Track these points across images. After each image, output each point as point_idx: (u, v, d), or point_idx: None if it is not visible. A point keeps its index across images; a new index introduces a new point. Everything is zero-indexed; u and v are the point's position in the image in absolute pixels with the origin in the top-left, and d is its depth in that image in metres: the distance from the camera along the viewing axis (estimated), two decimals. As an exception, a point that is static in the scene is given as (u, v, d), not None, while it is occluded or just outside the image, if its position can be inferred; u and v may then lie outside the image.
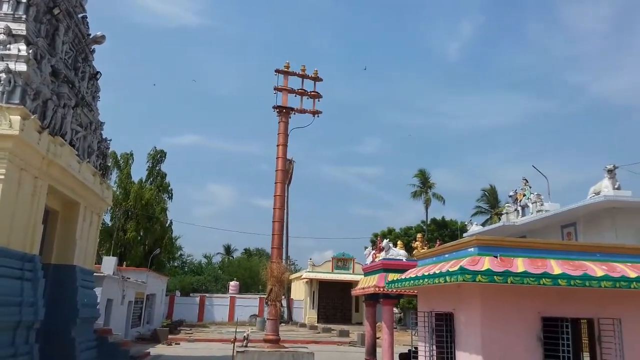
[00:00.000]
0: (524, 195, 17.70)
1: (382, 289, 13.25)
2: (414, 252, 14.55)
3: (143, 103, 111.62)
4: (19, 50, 11.27)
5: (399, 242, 16.04)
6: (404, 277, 9.21)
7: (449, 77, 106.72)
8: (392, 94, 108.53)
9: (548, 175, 19.70)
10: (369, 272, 15.34)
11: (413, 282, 8.55)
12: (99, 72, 16.34)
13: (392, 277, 11.32)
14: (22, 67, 11.05)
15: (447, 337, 8.03)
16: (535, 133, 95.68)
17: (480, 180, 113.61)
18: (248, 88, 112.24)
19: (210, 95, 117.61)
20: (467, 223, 24.23)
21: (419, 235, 16.88)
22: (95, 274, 17.47)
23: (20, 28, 11.75)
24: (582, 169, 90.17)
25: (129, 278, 24.69)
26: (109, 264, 22.59)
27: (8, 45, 11.38)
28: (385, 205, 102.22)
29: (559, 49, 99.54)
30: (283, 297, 27.75)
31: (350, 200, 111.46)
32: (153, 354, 19.70)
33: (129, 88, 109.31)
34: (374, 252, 15.91)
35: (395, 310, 37.51)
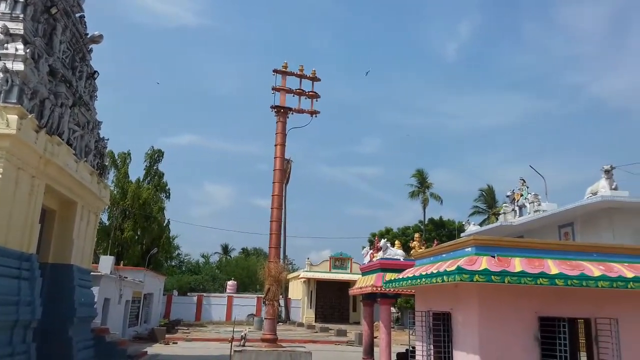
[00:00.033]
0: (522, 196, 17.77)
1: (379, 289, 13.26)
2: (412, 251, 14.58)
3: (143, 103, 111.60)
4: (17, 50, 11.26)
5: (397, 241, 16.08)
6: (402, 276, 9.23)
7: (449, 77, 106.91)
8: (392, 94, 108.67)
9: (546, 175, 19.81)
10: (367, 271, 15.35)
11: (410, 281, 8.57)
12: (97, 71, 16.33)
13: (389, 276, 11.35)
14: (19, 66, 11.03)
15: (444, 336, 8.04)
16: (535, 133, 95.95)
17: (479, 180, 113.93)
18: (247, 88, 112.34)
19: (210, 95, 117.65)
20: (464, 223, 24.33)
21: (417, 235, 16.94)
22: (93, 273, 17.46)
23: (18, 27, 11.73)
24: (580, 169, 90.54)
25: (127, 277, 24.68)
26: (107, 263, 22.57)
27: (5, 45, 11.36)
28: (384, 205, 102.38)
29: (559, 49, 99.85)
30: (280, 296, 27.64)
31: (349, 200, 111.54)
32: (150, 354, 19.68)
33: (129, 88, 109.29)
34: (372, 251, 15.92)
35: (393, 310, 37.54)
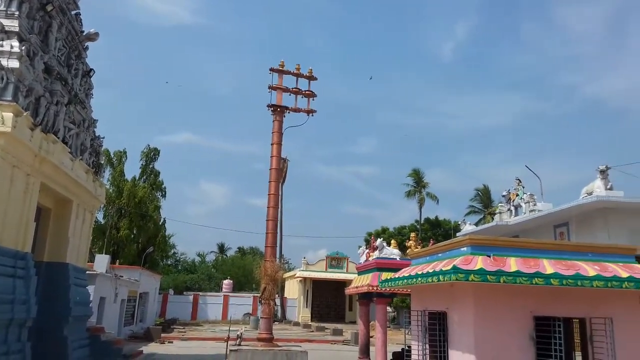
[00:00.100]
0: (517, 195, 17.82)
1: (375, 288, 13.28)
2: (408, 251, 14.60)
3: (139, 101, 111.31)
4: (12, 47, 11.18)
5: (393, 241, 16.10)
6: (398, 276, 9.23)
7: (449, 77, 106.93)
8: (390, 94, 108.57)
9: (543, 176, 19.86)
10: (363, 271, 15.36)
11: (406, 281, 8.57)
12: (93, 69, 16.25)
13: (385, 276, 11.34)
14: (14, 63, 10.96)
15: (440, 336, 8.05)
16: (533, 133, 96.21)
17: (475, 180, 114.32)
18: (243, 87, 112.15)
19: (206, 94, 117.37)
20: (460, 222, 24.37)
21: (413, 235, 16.98)
22: (88, 272, 17.41)
23: (13, 24, 11.65)
24: (577, 169, 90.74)
25: (122, 276, 24.62)
26: (102, 262, 22.49)
27: (0, 42, 11.28)
28: (380, 205, 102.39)
29: (558, 49, 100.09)
30: (277, 295, 27.72)
31: (345, 200, 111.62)
32: (146, 353, 19.63)
33: (125, 86, 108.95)
34: (368, 251, 15.93)
35: (389, 309, 37.67)
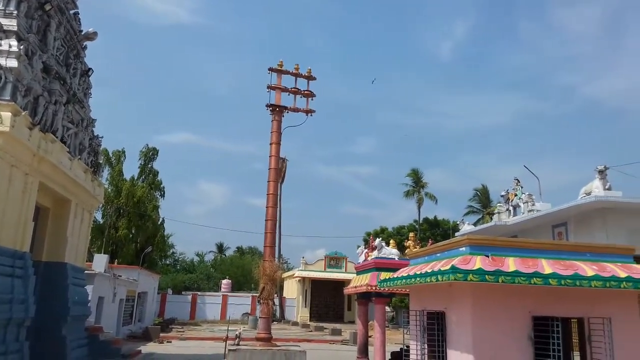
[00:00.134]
0: (516, 195, 17.80)
1: (374, 288, 13.27)
2: (406, 251, 14.62)
3: (138, 101, 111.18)
4: (10, 46, 11.17)
5: (392, 241, 16.11)
6: (396, 276, 9.23)
7: (448, 77, 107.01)
8: (390, 94, 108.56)
9: (542, 176, 19.87)
10: (362, 270, 15.36)
11: (405, 281, 8.57)
12: (91, 68, 16.24)
13: (384, 275, 11.35)
14: (13, 63, 10.95)
15: (438, 335, 8.05)
16: (533, 133, 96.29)
17: (473, 180, 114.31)
18: (243, 87, 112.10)
19: (205, 94, 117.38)
20: (459, 222, 24.35)
21: (412, 235, 16.99)
22: (87, 272, 17.40)
23: (12, 24, 11.64)
24: (576, 169, 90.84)
25: (121, 276, 24.60)
26: (101, 262, 22.47)
27: (-1, 41, 11.28)
28: (379, 205, 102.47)
29: (556, 50, 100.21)
30: (275, 295, 27.74)
31: (344, 200, 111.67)
32: (144, 352, 19.62)
33: (126, 85, 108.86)
34: (367, 251, 15.94)
35: (388, 309, 37.64)
